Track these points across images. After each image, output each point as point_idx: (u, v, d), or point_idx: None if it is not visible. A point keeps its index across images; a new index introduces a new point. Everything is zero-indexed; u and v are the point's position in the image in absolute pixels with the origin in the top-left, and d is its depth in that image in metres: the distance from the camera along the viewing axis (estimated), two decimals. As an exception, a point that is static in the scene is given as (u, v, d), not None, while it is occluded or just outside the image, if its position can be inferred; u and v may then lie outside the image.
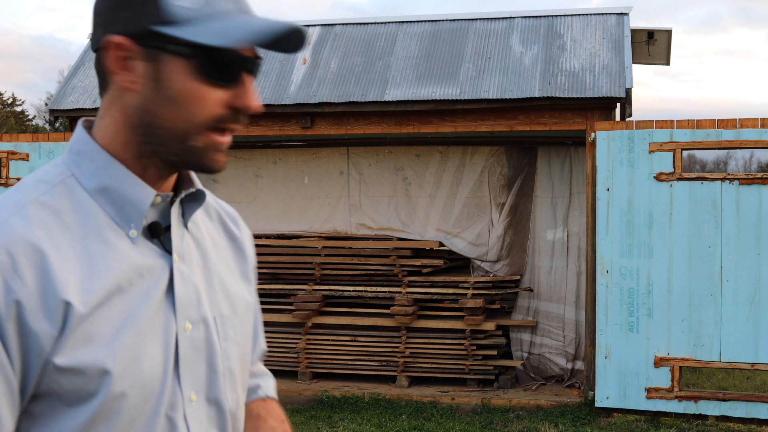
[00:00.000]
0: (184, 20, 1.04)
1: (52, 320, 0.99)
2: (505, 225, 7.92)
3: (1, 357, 0.97)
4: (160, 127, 1.07)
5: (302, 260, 8.11)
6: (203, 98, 1.06)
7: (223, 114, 1.07)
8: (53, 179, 1.08)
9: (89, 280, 1.02)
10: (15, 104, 33.73)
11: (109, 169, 1.09)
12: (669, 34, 8.33)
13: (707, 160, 32.80)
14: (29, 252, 1.00)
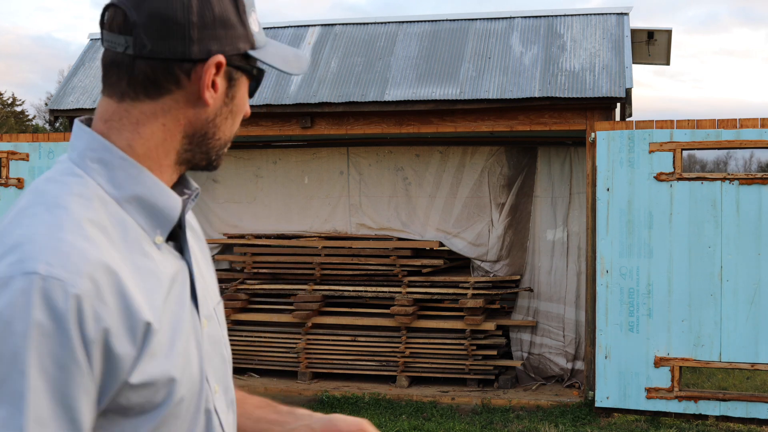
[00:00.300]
0: (260, 46, 1.16)
1: (135, 342, 0.99)
2: (505, 225, 7.92)
3: (88, 384, 0.95)
4: (217, 138, 1.16)
5: (302, 260, 8.11)
6: (244, 111, 1.20)
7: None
8: (87, 192, 1.04)
9: (150, 296, 1.03)
10: (15, 104, 33.74)
11: (139, 177, 1.09)
12: (669, 34, 8.33)
13: (707, 160, 32.81)
14: (107, 275, 0.98)
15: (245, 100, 1.18)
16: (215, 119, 1.14)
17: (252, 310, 8.17)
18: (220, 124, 1.15)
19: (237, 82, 1.15)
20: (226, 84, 1.13)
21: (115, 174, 1.07)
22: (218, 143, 1.16)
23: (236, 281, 8.29)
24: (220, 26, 1.10)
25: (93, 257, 0.97)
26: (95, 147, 1.08)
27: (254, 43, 1.15)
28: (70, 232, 0.98)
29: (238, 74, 1.14)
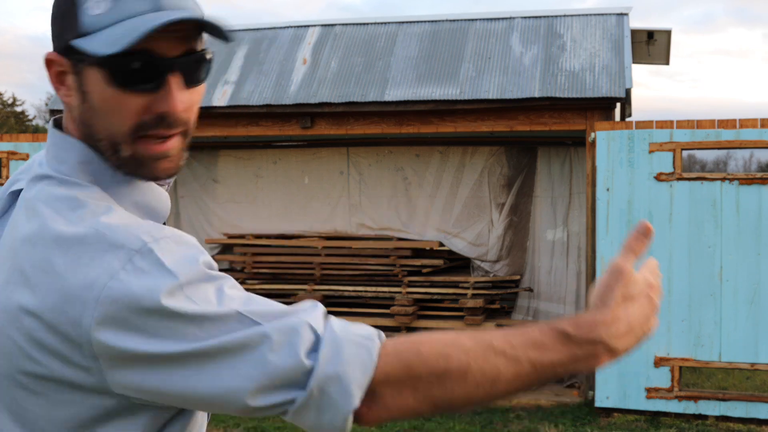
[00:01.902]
0: (93, 30, 1.02)
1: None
2: (505, 225, 7.92)
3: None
4: (98, 139, 1.06)
5: (302, 260, 8.11)
6: (120, 106, 1.03)
7: (144, 121, 1.04)
8: (106, 202, 1.04)
9: None
10: (15, 104, 33.74)
11: (132, 182, 1.09)
12: (669, 34, 8.34)
13: (707, 160, 32.79)
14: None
15: (104, 93, 1.03)
16: (86, 119, 1.06)
17: (252, 310, 8.16)
18: (92, 124, 1.06)
19: (84, 75, 1.04)
20: (74, 79, 1.06)
21: (109, 185, 1.07)
22: (106, 144, 1.05)
23: (236, 281, 8.29)
24: (56, 23, 1.06)
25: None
26: (86, 160, 1.07)
27: (82, 30, 1.02)
28: (158, 230, 1.01)
29: (81, 66, 1.04)
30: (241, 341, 0.94)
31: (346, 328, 0.99)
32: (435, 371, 0.98)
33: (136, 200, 1.09)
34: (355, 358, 0.96)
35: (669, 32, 8.31)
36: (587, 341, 1.04)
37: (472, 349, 1.00)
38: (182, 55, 1.05)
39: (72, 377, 0.97)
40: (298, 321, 0.97)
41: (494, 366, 1.00)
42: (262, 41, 8.10)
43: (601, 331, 1.04)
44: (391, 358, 0.98)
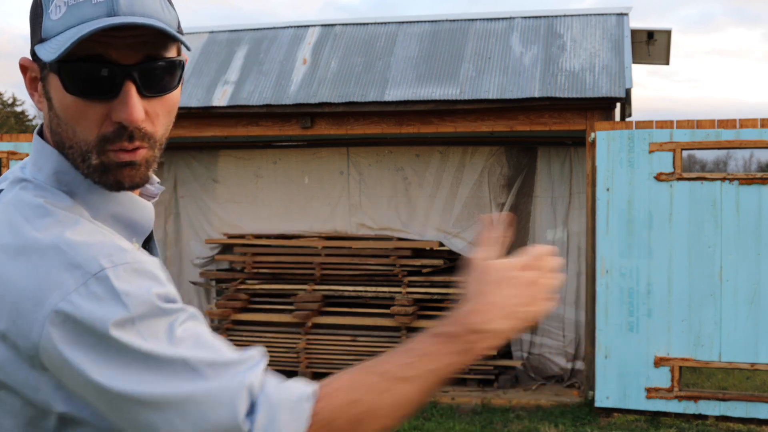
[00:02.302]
0: (49, 36, 1.01)
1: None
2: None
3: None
4: (68, 147, 1.05)
5: (302, 260, 8.11)
6: (80, 114, 1.01)
7: (107, 133, 1.02)
8: (76, 214, 1.03)
9: None
10: (15, 104, 33.74)
11: (111, 195, 1.07)
12: (669, 34, 8.34)
13: (707, 160, 32.77)
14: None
15: (64, 99, 1.01)
16: (54, 126, 1.06)
17: (252, 310, 8.17)
18: (59, 131, 1.05)
19: (48, 81, 1.04)
20: (42, 85, 1.06)
21: (86, 196, 1.06)
22: (75, 152, 1.04)
23: (236, 281, 8.30)
24: (34, 22, 1.05)
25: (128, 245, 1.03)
26: (64, 170, 1.06)
27: (43, 36, 1.01)
28: (123, 251, 0.99)
29: (45, 73, 1.04)
30: (183, 396, 0.94)
31: (280, 391, 1.00)
32: (350, 420, 1.03)
33: (114, 212, 1.07)
34: (289, 423, 0.98)
35: (669, 32, 8.31)
36: (466, 332, 1.10)
37: (376, 384, 1.05)
38: (140, 63, 1.01)
39: (21, 389, 0.97)
40: (240, 382, 0.97)
41: (399, 393, 1.05)
42: (262, 41, 8.10)
43: (473, 319, 1.11)
44: (314, 419, 1.00)
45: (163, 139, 1.08)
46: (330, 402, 1.02)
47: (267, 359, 1.03)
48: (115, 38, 0.98)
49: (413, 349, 1.09)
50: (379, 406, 1.04)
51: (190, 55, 8.05)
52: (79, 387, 0.95)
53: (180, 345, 0.96)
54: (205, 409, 0.95)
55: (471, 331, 1.10)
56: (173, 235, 8.87)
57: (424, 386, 1.08)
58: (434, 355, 1.08)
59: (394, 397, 1.05)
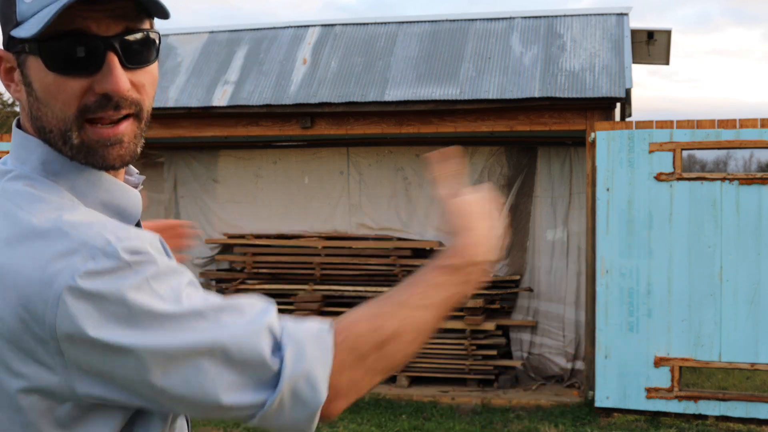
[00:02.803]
0: (25, 18, 1.00)
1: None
2: (504, 225, 7.91)
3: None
4: (48, 131, 1.04)
5: (302, 260, 8.11)
6: (61, 90, 1.01)
7: (88, 103, 1.01)
8: (68, 200, 1.03)
9: None
10: (15, 104, 33.78)
11: (99, 182, 1.07)
12: (668, 34, 8.34)
13: (707, 160, 32.75)
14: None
15: (46, 81, 1.02)
16: (34, 112, 1.05)
17: (252, 310, 8.16)
18: (40, 116, 1.04)
19: (26, 66, 1.03)
20: (19, 72, 1.05)
21: (75, 183, 1.05)
22: (55, 135, 1.04)
23: (236, 281, 8.30)
24: (6, 9, 1.04)
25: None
26: (49, 159, 1.05)
27: (18, 20, 1.01)
28: (121, 228, 1.00)
29: (23, 57, 1.03)
30: (208, 342, 0.96)
31: (300, 328, 1.03)
32: (375, 345, 1.07)
33: (103, 199, 1.07)
34: (316, 353, 1.02)
35: (669, 32, 8.31)
36: (466, 264, 1.20)
37: (395, 313, 1.11)
38: (120, 34, 1.02)
39: (37, 376, 0.95)
40: (260, 324, 1.00)
41: (417, 319, 1.12)
42: (262, 41, 8.10)
43: (470, 252, 1.21)
44: (337, 348, 1.04)
45: (149, 112, 1.08)
46: (353, 330, 1.07)
47: (275, 305, 1.06)
48: (94, 11, 0.99)
49: (422, 281, 1.16)
50: (402, 331, 1.10)
51: (190, 55, 8.06)
52: (101, 361, 0.94)
53: (194, 300, 0.98)
54: (232, 353, 0.97)
55: (470, 263, 1.20)
56: (173, 235, 8.86)
57: (437, 314, 1.15)
58: (443, 285, 1.16)
59: (414, 323, 1.12)
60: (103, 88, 1.01)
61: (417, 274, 1.17)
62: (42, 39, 0.98)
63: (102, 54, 1.00)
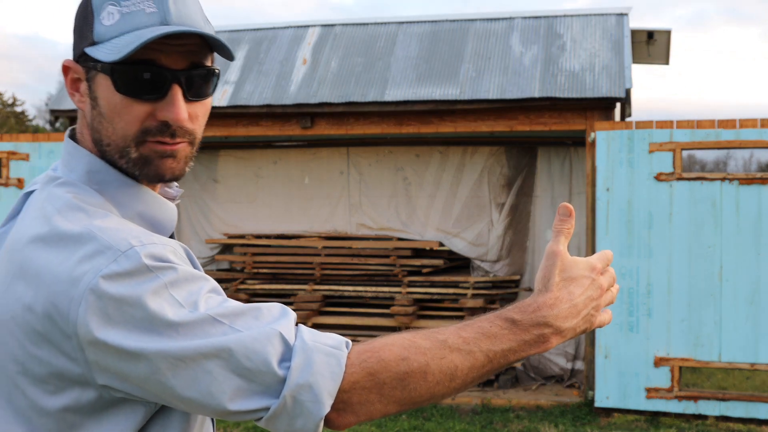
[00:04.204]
0: (103, 39, 1.09)
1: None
2: (505, 225, 7.92)
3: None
4: (106, 144, 1.12)
5: (302, 260, 8.12)
6: (126, 112, 1.09)
7: (149, 126, 1.10)
8: (105, 209, 1.10)
9: None
10: (15, 104, 33.75)
11: (138, 194, 1.14)
12: (668, 34, 8.34)
13: (707, 160, 32.76)
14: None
15: (113, 99, 1.10)
16: (96, 124, 1.13)
17: (252, 310, 8.16)
18: (99, 129, 1.12)
19: (94, 82, 1.12)
20: (86, 86, 1.13)
21: (115, 194, 1.13)
22: (113, 149, 1.12)
23: (236, 281, 8.30)
24: (76, 32, 1.14)
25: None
26: (96, 169, 1.13)
27: (94, 39, 1.10)
28: (162, 241, 1.06)
29: (93, 74, 1.12)
30: (217, 347, 0.99)
31: (315, 338, 1.04)
32: (397, 375, 1.04)
33: (140, 210, 1.14)
34: (325, 367, 1.02)
35: (669, 32, 8.31)
36: (533, 325, 1.10)
37: (429, 349, 1.06)
38: (186, 69, 1.11)
39: (62, 367, 1.01)
40: (272, 330, 1.02)
41: (450, 362, 1.06)
42: (262, 41, 8.10)
43: (545, 313, 1.10)
44: (356, 367, 1.04)
45: (200, 140, 1.17)
46: (379, 354, 1.05)
47: (294, 314, 1.07)
48: (166, 45, 1.08)
49: (475, 325, 1.10)
50: (428, 370, 1.05)
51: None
52: (116, 360, 0.99)
53: (210, 307, 1.02)
54: (239, 357, 0.99)
55: (538, 324, 1.10)
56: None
57: (475, 364, 1.08)
58: (494, 337, 1.09)
59: (446, 365, 1.06)
60: (165, 116, 1.10)
61: (476, 318, 1.11)
62: (115, 63, 1.08)
63: (168, 85, 1.09)
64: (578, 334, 1.15)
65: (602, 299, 1.16)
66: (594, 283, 1.15)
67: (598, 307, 1.16)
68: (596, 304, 1.15)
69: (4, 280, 1.06)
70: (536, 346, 1.10)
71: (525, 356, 1.11)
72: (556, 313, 1.11)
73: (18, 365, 1.03)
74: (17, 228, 1.10)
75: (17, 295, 1.03)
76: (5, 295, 1.05)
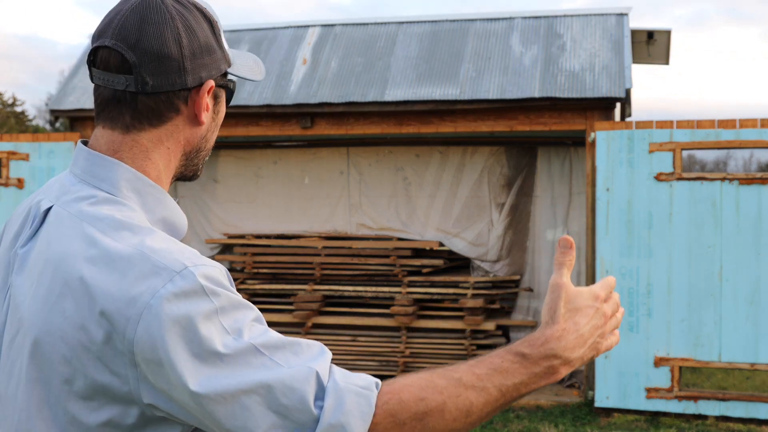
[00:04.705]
0: (233, 62, 1.27)
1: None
2: (505, 225, 7.93)
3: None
4: (206, 150, 1.28)
5: (302, 260, 8.12)
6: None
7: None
8: (145, 221, 1.15)
9: None
10: (15, 104, 33.75)
11: (164, 201, 1.21)
12: (668, 34, 8.34)
13: (707, 160, 32.76)
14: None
15: (224, 111, 1.29)
16: (206, 134, 1.26)
17: (252, 310, 8.16)
18: (209, 138, 1.27)
19: (220, 98, 1.26)
20: (212, 102, 1.25)
21: (146, 200, 1.18)
22: (205, 154, 1.28)
23: (236, 281, 8.30)
24: (206, 53, 1.21)
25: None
26: (129, 177, 1.17)
27: (229, 61, 1.25)
28: (196, 256, 1.10)
29: (220, 91, 1.26)
30: (257, 383, 1.03)
31: (347, 378, 1.08)
32: (416, 415, 1.09)
33: (164, 216, 1.20)
34: (356, 407, 1.05)
35: (669, 32, 8.31)
36: (543, 357, 1.15)
37: (446, 388, 1.11)
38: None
39: (110, 384, 1.04)
40: (309, 370, 1.05)
41: (466, 399, 1.11)
42: (262, 41, 8.10)
43: (553, 345, 1.15)
44: (378, 408, 1.08)
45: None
46: (399, 395, 1.09)
47: (330, 353, 1.11)
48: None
49: (487, 361, 1.14)
50: (445, 409, 1.10)
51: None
52: (165, 381, 1.02)
53: (254, 336, 1.05)
54: (277, 395, 1.03)
55: (547, 356, 1.15)
56: (173, 235, 8.87)
57: (489, 399, 1.13)
58: (506, 372, 1.13)
59: (462, 403, 1.11)
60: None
61: (488, 354, 1.16)
62: (234, 82, 1.28)
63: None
64: (585, 363, 1.19)
65: (607, 326, 1.21)
66: (598, 312, 1.19)
67: (603, 335, 1.20)
68: (602, 332, 1.20)
69: (47, 299, 1.07)
70: (546, 377, 1.15)
71: (536, 388, 1.15)
72: (564, 345, 1.15)
73: (62, 381, 1.06)
74: (54, 248, 1.11)
75: (66, 313, 1.05)
76: (51, 313, 1.06)
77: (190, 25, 1.18)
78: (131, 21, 1.15)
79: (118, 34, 1.15)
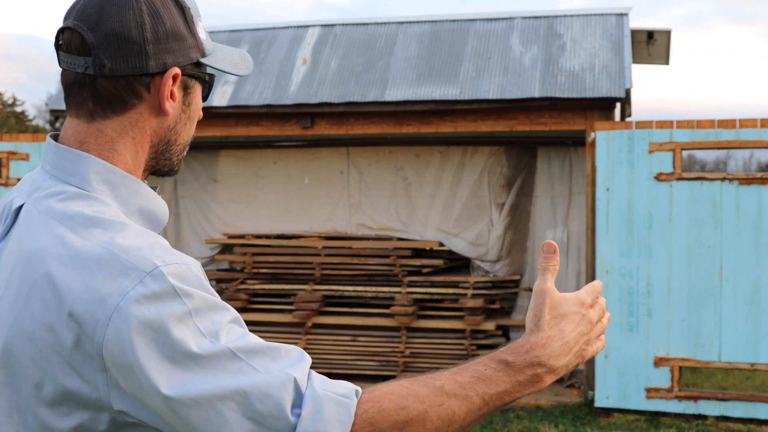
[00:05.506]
0: (209, 52, 1.22)
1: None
2: (505, 225, 7.93)
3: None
4: (177, 144, 1.22)
5: (302, 260, 8.12)
6: (199, 115, 1.25)
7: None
8: (118, 218, 1.09)
9: None
10: (15, 104, 33.75)
11: (140, 191, 1.16)
12: (668, 34, 8.34)
13: (707, 160, 32.75)
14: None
15: (200, 105, 1.24)
16: (175, 126, 1.20)
17: (252, 310, 8.17)
18: (180, 131, 1.21)
19: (192, 89, 1.21)
20: (182, 92, 1.19)
21: (119, 192, 1.13)
22: (178, 148, 1.22)
23: (236, 281, 8.30)
24: (173, 39, 1.16)
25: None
26: (99, 170, 1.13)
27: (204, 50, 1.21)
28: (172, 252, 1.06)
29: (192, 82, 1.21)
30: (232, 389, 0.99)
31: (325, 386, 1.04)
32: (396, 424, 1.05)
33: (141, 206, 1.15)
34: (334, 416, 1.02)
35: (669, 32, 8.31)
36: (527, 365, 1.12)
37: (427, 396, 1.07)
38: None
39: (79, 390, 1.01)
40: (286, 376, 1.01)
41: (448, 408, 1.08)
42: (262, 41, 8.10)
43: (537, 353, 1.12)
44: (357, 417, 1.04)
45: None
46: (379, 404, 1.05)
47: (310, 359, 1.07)
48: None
49: (470, 369, 1.12)
50: (426, 418, 1.07)
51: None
52: (136, 386, 0.99)
53: (231, 339, 1.02)
54: (253, 401, 0.99)
55: (531, 364, 1.12)
56: (173, 235, 8.88)
57: (472, 408, 1.10)
58: (489, 380, 1.11)
59: (444, 411, 1.08)
60: (200, 115, 1.28)
61: (471, 361, 1.13)
62: (209, 74, 1.23)
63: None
64: (570, 370, 1.18)
65: (593, 333, 1.18)
66: (584, 318, 1.17)
67: (589, 341, 1.18)
68: (587, 339, 1.17)
69: (16, 299, 1.04)
70: (530, 386, 1.13)
71: (520, 396, 1.13)
72: (548, 353, 1.13)
73: (32, 386, 1.03)
74: (24, 247, 1.07)
75: (35, 314, 1.01)
76: (20, 314, 1.03)
77: (156, 8, 1.13)
78: (94, 1, 1.12)
79: (81, 15, 1.12)
